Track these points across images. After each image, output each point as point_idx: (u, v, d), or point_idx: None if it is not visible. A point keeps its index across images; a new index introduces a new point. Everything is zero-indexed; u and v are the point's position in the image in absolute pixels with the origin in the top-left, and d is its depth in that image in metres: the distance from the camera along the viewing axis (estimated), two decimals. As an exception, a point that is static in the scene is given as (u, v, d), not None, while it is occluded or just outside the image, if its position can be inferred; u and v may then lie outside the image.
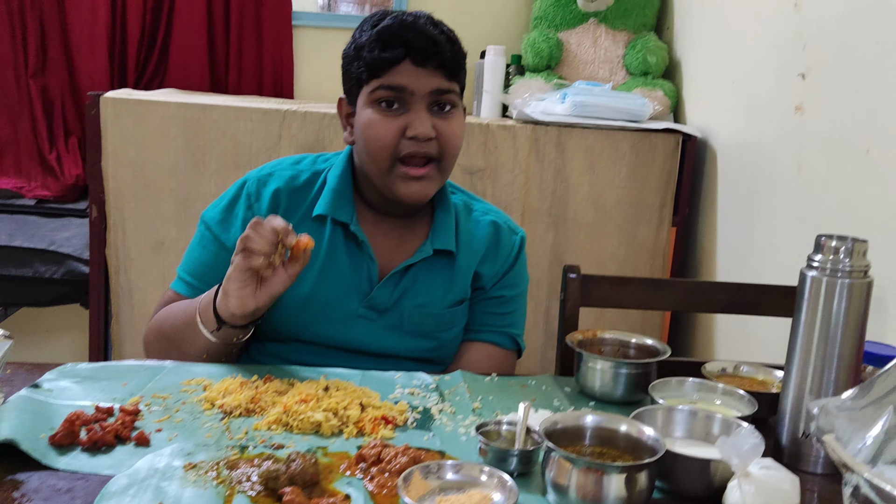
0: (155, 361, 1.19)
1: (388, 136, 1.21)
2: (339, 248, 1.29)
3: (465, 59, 1.27)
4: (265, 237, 1.10)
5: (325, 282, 1.28)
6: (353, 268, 1.29)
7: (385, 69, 1.20)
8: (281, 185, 1.31)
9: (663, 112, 2.39)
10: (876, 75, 1.43)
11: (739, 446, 0.79)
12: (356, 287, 1.29)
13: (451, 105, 1.24)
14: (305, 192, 1.32)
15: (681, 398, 1.08)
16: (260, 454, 0.92)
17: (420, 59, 1.20)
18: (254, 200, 1.31)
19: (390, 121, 1.22)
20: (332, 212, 1.28)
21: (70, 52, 2.67)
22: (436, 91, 1.21)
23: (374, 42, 1.20)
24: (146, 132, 2.13)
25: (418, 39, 1.19)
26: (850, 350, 0.94)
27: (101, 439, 0.92)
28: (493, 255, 1.35)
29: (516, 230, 1.40)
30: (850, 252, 0.93)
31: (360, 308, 1.29)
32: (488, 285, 1.35)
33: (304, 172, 1.34)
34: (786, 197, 1.76)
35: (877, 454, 0.61)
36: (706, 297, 1.41)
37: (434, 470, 0.86)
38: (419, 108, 1.21)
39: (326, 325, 1.28)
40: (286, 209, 1.30)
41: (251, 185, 1.32)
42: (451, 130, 1.24)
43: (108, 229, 2.17)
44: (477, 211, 1.39)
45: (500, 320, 1.37)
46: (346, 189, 1.31)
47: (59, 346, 2.79)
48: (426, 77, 1.21)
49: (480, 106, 2.52)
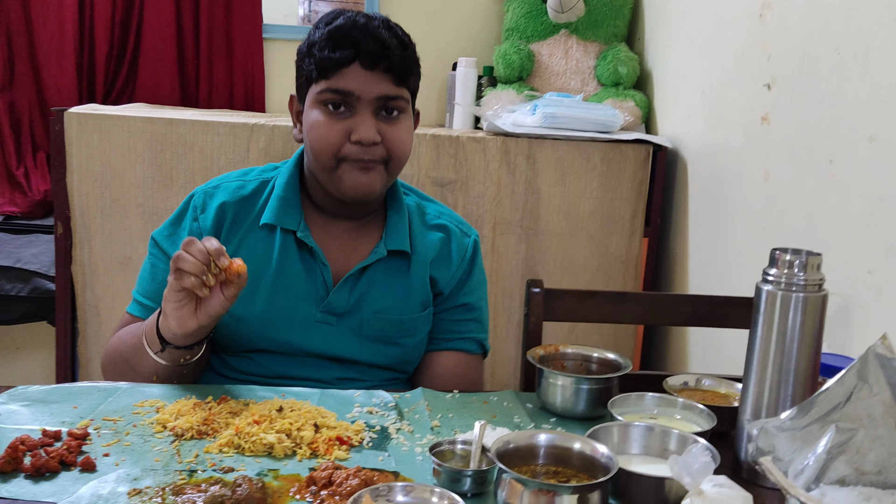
0: (109, 383, 1.17)
1: (332, 138, 1.21)
2: (291, 255, 1.28)
3: (418, 66, 1.27)
4: (196, 257, 1.08)
5: (280, 290, 1.27)
6: (306, 274, 1.28)
7: (333, 70, 1.20)
8: (227, 196, 1.30)
9: (634, 122, 2.40)
10: (837, 86, 1.44)
11: (690, 465, 0.78)
12: (312, 293, 1.28)
13: (399, 111, 1.24)
14: (253, 201, 1.31)
15: (641, 413, 1.07)
16: (208, 478, 0.90)
17: (368, 63, 1.19)
18: (200, 213, 1.30)
19: (335, 123, 1.21)
20: (278, 220, 1.27)
21: (38, 67, 2.64)
22: (382, 97, 1.21)
23: (325, 41, 1.20)
24: (112, 147, 2.11)
25: (368, 42, 1.19)
26: (806, 364, 0.93)
27: (45, 465, 0.90)
28: (447, 259, 1.35)
29: (469, 232, 1.39)
30: (804, 266, 0.93)
31: (317, 313, 1.28)
32: (446, 291, 1.34)
33: (250, 182, 1.33)
34: (753, 206, 1.76)
35: (820, 474, 0.60)
36: (671, 309, 1.40)
37: (384, 492, 0.84)
38: (365, 112, 1.21)
39: (285, 332, 1.27)
40: (233, 220, 1.29)
41: (198, 198, 1.32)
42: (398, 136, 1.23)
43: (73, 245, 2.14)
44: (430, 213, 1.38)
45: (465, 326, 1.36)
46: (293, 195, 1.30)
47: (27, 365, 2.74)
48: (374, 81, 1.20)
49: (452, 118, 2.51)
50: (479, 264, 1.39)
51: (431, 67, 2.75)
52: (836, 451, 0.60)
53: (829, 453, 0.60)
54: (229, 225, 1.29)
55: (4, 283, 2.27)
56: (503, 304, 2.26)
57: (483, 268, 1.41)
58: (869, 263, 1.31)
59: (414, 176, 2.17)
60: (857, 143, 1.37)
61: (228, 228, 1.29)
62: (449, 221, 1.38)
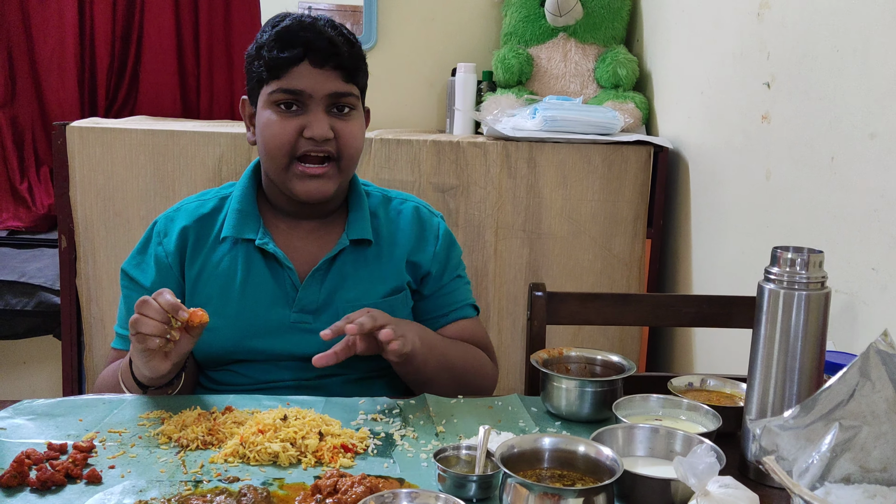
0: (114, 395, 1.17)
1: (285, 135, 1.23)
2: (256, 264, 1.30)
3: (365, 62, 1.30)
4: (155, 318, 1.09)
5: (249, 299, 1.29)
6: (274, 280, 1.30)
7: (284, 69, 1.22)
8: (187, 219, 1.33)
9: (635, 124, 2.39)
10: (837, 83, 1.43)
11: (695, 465, 0.77)
12: (282, 296, 1.29)
13: (350, 107, 1.27)
14: (213, 218, 1.33)
15: (646, 415, 1.07)
16: (213, 489, 0.90)
17: (318, 61, 1.22)
18: (163, 237, 1.33)
19: (288, 121, 1.24)
20: (237, 231, 1.30)
21: (39, 82, 2.65)
22: (334, 94, 1.24)
23: (274, 42, 1.23)
24: (114, 160, 2.12)
25: (317, 40, 1.22)
26: (810, 362, 0.93)
27: (51, 479, 0.90)
28: (423, 241, 1.37)
29: (434, 212, 1.43)
30: (806, 264, 0.92)
31: (291, 314, 1.29)
32: (434, 270, 1.37)
33: (209, 201, 1.36)
34: (755, 205, 1.76)
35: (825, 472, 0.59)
36: (674, 310, 1.40)
37: (389, 499, 0.84)
38: (317, 109, 1.24)
39: (262, 339, 1.28)
40: (195, 240, 1.32)
41: (160, 224, 1.35)
42: (350, 132, 1.26)
43: (78, 259, 2.15)
44: (395, 199, 1.41)
45: (458, 296, 1.40)
46: (250, 206, 1.32)
47: (34, 379, 2.74)
48: (324, 79, 1.23)
49: (453, 123, 2.51)
50: (455, 241, 1.43)
51: (430, 73, 2.76)
52: (840, 448, 0.60)
53: (833, 451, 0.59)
54: (192, 245, 1.32)
55: (10, 298, 2.27)
56: (507, 308, 2.25)
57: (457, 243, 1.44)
58: (873, 260, 1.31)
59: (415, 182, 2.18)
60: (858, 140, 1.37)
61: (192, 249, 1.32)
62: (416, 203, 1.41)
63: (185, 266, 1.31)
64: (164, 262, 1.31)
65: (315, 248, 1.32)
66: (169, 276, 1.30)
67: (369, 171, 2.17)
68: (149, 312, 1.08)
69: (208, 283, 1.29)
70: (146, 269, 1.32)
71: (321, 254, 1.31)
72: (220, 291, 1.28)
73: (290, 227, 1.34)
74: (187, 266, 1.31)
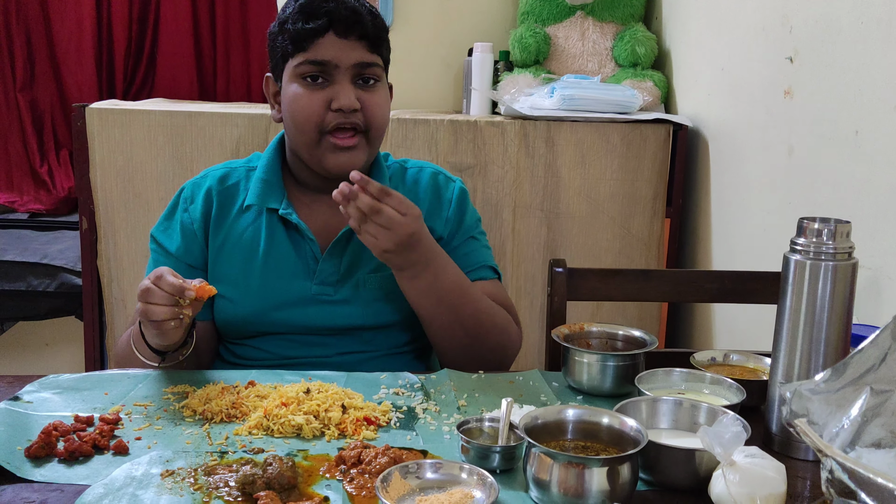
0: (138, 370, 1.18)
1: (313, 108, 1.23)
2: (278, 235, 1.31)
3: (387, 32, 1.30)
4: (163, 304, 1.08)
5: (271, 270, 1.29)
6: (296, 251, 1.30)
7: (309, 41, 1.22)
8: (213, 184, 1.34)
9: (654, 102, 2.37)
10: (861, 56, 1.41)
11: (721, 435, 0.77)
12: (303, 268, 1.30)
13: (375, 78, 1.27)
14: (239, 187, 1.35)
15: (668, 389, 1.06)
16: (239, 459, 0.91)
17: (342, 30, 1.22)
18: (189, 203, 1.34)
19: (315, 94, 1.24)
20: (260, 200, 1.30)
21: (57, 65, 2.67)
22: (359, 64, 1.24)
23: (297, 15, 1.23)
24: (133, 141, 2.13)
25: (340, 10, 1.21)
26: (836, 333, 0.92)
27: (79, 449, 0.91)
28: (437, 204, 1.37)
29: (453, 178, 1.42)
30: (833, 234, 0.91)
31: (312, 286, 1.29)
32: (445, 234, 1.36)
33: (236, 170, 1.37)
34: (777, 182, 1.74)
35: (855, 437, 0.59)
36: (696, 286, 1.39)
37: (413, 469, 0.85)
38: (343, 80, 1.24)
39: (283, 311, 1.29)
40: (220, 207, 1.33)
41: (187, 190, 1.36)
42: (376, 102, 1.26)
43: (98, 240, 2.17)
44: (412, 168, 1.41)
45: (473, 258, 1.36)
46: (274, 176, 1.33)
47: (57, 360, 2.78)
48: (349, 49, 1.23)
49: (470, 104, 2.50)
50: (470, 204, 1.41)
51: (447, 53, 2.75)
52: (870, 413, 0.59)
53: (864, 416, 0.59)
54: (217, 212, 1.32)
55: (32, 279, 2.30)
56: (525, 288, 2.25)
57: (473, 207, 1.42)
58: (898, 234, 1.29)
59: (433, 162, 2.16)
60: (882, 113, 1.35)
61: (217, 216, 1.32)
62: (433, 170, 1.41)
63: (209, 233, 1.32)
64: (189, 229, 1.32)
65: (336, 221, 1.32)
66: (193, 242, 1.31)
67: (386, 150, 2.17)
68: (155, 299, 1.08)
69: (232, 253, 1.30)
70: (172, 235, 1.33)
71: (342, 226, 1.31)
72: (243, 262, 1.29)
73: (312, 200, 1.34)
74: (212, 234, 1.32)
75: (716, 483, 0.79)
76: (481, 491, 0.82)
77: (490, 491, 0.80)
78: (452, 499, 0.80)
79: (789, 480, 0.81)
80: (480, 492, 0.82)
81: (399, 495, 0.82)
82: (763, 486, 0.76)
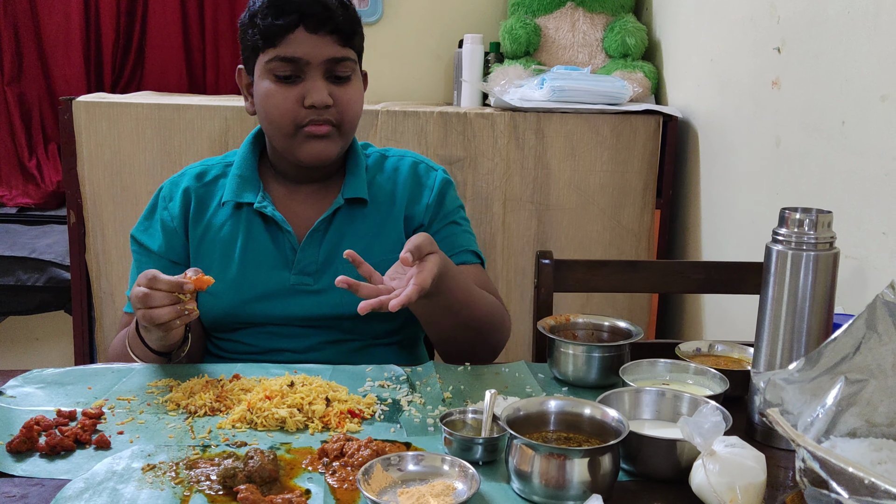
0: (123, 364, 1.18)
1: (286, 106, 1.23)
2: (256, 228, 1.31)
3: (360, 25, 1.28)
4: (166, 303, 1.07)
5: (249, 263, 1.29)
6: (273, 243, 1.30)
7: (279, 37, 1.21)
8: (190, 183, 1.34)
9: (644, 94, 2.37)
10: (848, 46, 1.41)
11: (701, 425, 0.77)
12: (282, 259, 1.30)
13: (348, 73, 1.25)
14: (216, 184, 1.34)
15: (653, 380, 1.06)
16: (221, 453, 0.91)
17: (313, 26, 1.20)
18: (168, 202, 1.34)
19: (287, 91, 1.23)
20: (236, 195, 1.30)
21: (45, 59, 2.65)
22: (331, 60, 1.23)
23: (267, 9, 1.21)
24: (121, 135, 2.11)
25: (311, 5, 1.20)
26: (818, 323, 0.92)
27: (60, 444, 0.91)
28: (418, 192, 1.36)
29: (435, 167, 1.41)
30: (814, 224, 0.92)
31: (291, 277, 1.29)
32: (426, 221, 1.35)
33: (214, 167, 1.36)
34: (765, 172, 1.74)
35: (830, 426, 0.59)
36: (682, 277, 1.39)
37: (395, 462, 0.85)
38: (315, 76, 1.22)
39: (262, 302, 1.28)
40: (199, 203, 1.33)
41: (165, 189, 1.36)
42: (348, 98, 1.26)
43: (87, 234, 2.16)
44: (392, 157, 1.40)
45: (456, 241, 1.34)
46: (250, 171, 1.32)
47: (48, 354, 2.77)
48: (321, 45, 1.21)
49: (460, 95, 2.49)
50: (452, 192, 1.39)
51: (437, 45, 2.74)
52: (845, 403, 0.59)
53: (839, 406, 0.59)
54: (195, 209, 1.32)
55: (21, 274, 2.29)
56: (515, 280, 2.25)
57: (456, 194, 1.41)
58: (883, 224, 1.29)
59: (422, 154, 2.16)
60: (869, 103, 1.35)
61: (195, 212, 1.32)
62: (413, 159, 1.40)
63: (188, 229, 1.32)
64: (169, 227, 1.32)
65: (313, 211, 1.32)
66: (175, 239, 1.31)
67: (375, 144, 2.15)
68: (156, 301, 1.06)
69: (211, 248, 1.30)
70: (153, 234, 1.33)
71: (319, 216, 1.31)
72: (221, 256, 1.29)
73: (289, 191, 1.34)
74: (191, 229, 1.32)
75: (696, 473, 0.79)
76: (463, 483, 0.82)
77: (472, 482, 0.80)
78: (434, 491, 0.80)
79: (770, 470, 0.81)
80: (462, 483, 0.82)
81: (381, 488, 0.82)
82: (743, 475, 0.76)
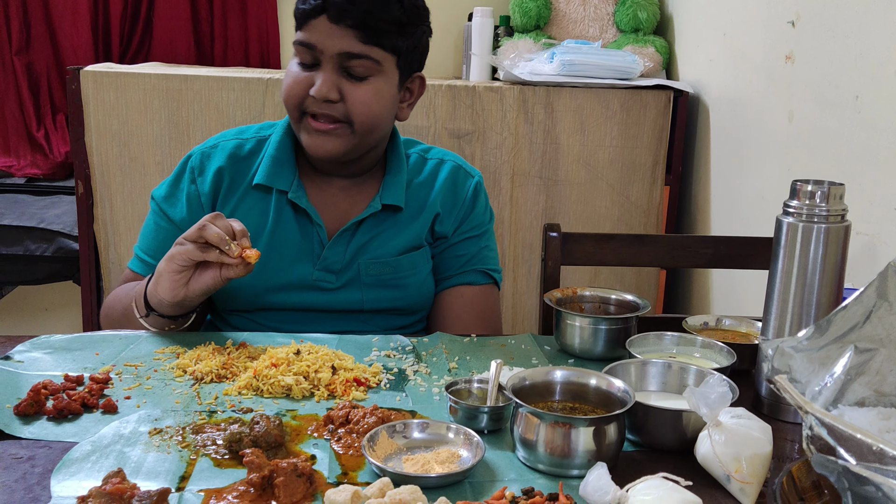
0: (130, 332, 1.18)
1: (295, 89, 1.20)
2: (286, 216, 1.28)
3: (405, 26, 1.19)
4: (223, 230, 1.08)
5: (274, 252, 1.27)
6: (301, 235, 1.28)
7: (304, 21, 1.19)
8: (223, 159, 1.30)
9: (655, 69, 2.34)
10: (863, 20, 1.39)
11: (707, 395, 0.77)
12: (308, 252, 1.27)
13: (365, 72, 1.19)
14: (249, 162, 1.30)
15: (659, 353, 1.06)
16: (227, 418, 0.91)
17: (335, 16, 1.16)
18: (197, 174, 1.30)
19: (301, 75, 1.20)
20: (270, 181, 1.27)
21: (53, 29, 2.64)
22: (345, 53, 1.17)
23: None
24: (129, 105, 2.11)
25: None
26: (827, 296, 0.92)
27: (67, 407, 0.91)
28: (452, 198, 1.33)
29: (472, 173, 1.38)
30: (826, 196, 0.90)
31: (314, 272, 1.27)
32: (450, 232, 1.33)
33: (248, 142, 1.32)
34: (778, 148, 1.72)
35: (838, 395, 0.58)
36: (691, 251, 1.38)
37: (400, 429, 0.85)
38: (327, 67, 1.18)
39: (282, 293, 1.27)
40: (230, 184, 1.29)
41: (195, 159, 1.31)
42: (359, 98, 1.19)
43: (95, 204, 2.16)
44: (432, 160, 1.36)
45: (468, 260, 1.34)
46: (286, 155, 1.28)
47: (56, 324, 2.79)
48: (338, 37, 1.16)
49: (469, 69, 2.47)
50: (482, 203, 1.37)
51: (447, 19, 2.71)
52: (854, 372, 0.58)
53: (848, 375, 0.58)
54: (226, 189, 1.29)
55: (29, 244, 2.29)
56: (523, 255, 2.24)
57: (488, 206, 1.39)
58: (895, 200, 1.28)
59: (430, 128, 2.15)
60: (883, 78, 1.33)
61: (225, 192, 1.29)
62: (454, 163, 1.36)
63: (216, 208, 1.29)
64: (195, 202, 1.29)
65: (346, 207, 1.29)
66: (200, 215, 1.28)
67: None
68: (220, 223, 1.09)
69: None
70: (176, 204, 1.29)
71: (351, 214, 1.28)
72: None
73: (323, 182, 1.30)
74: (218, 208, 1.29)
75: (701, 443, 0.79)
76: (468, 450, 0.82)
77: (476, 450, 0.81)
78: (439, 458, 0.81)
79: (776, 442, 0.81)
80: (467, 451, 0.82)
81: (386, 454, 0.82)
82: (748, 446, 0.76)
